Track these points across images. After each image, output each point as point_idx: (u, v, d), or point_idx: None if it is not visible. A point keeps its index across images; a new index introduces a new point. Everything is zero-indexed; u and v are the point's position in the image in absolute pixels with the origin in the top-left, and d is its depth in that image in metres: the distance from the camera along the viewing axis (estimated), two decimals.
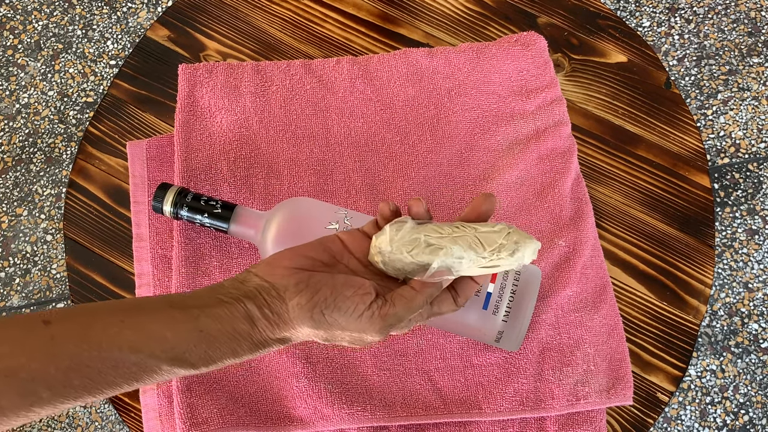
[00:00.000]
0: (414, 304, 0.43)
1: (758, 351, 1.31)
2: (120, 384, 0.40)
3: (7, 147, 1.48)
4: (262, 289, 0.42)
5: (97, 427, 1.31)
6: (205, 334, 0.41)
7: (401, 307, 0.43)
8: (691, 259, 0.68)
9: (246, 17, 0.79)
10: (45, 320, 0.39)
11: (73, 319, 0.40)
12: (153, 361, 0.40)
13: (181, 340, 0.40)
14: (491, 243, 0.44)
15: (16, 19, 1.59)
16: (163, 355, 0.40)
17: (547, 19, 0.79)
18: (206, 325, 0.41)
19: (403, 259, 0.45)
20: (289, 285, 0.42)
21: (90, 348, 0.39)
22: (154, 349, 0.40)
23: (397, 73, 0.73)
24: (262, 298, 0.42)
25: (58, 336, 0.39)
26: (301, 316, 0.41)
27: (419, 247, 0.44)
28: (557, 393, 0.61)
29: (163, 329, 0.40)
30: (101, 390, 0.39)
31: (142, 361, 0.39)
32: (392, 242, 0.45)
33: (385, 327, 0.43)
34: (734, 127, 1.44)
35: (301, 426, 0.60)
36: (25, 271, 1.40)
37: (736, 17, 1.52)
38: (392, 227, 0.45)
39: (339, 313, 0.42)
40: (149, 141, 0.71)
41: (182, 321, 0.41)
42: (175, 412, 0.60)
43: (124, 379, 0.40)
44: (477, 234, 0.45)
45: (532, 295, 0.58)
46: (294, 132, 0.71)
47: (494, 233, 0.45)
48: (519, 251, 0.44)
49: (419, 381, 0.62)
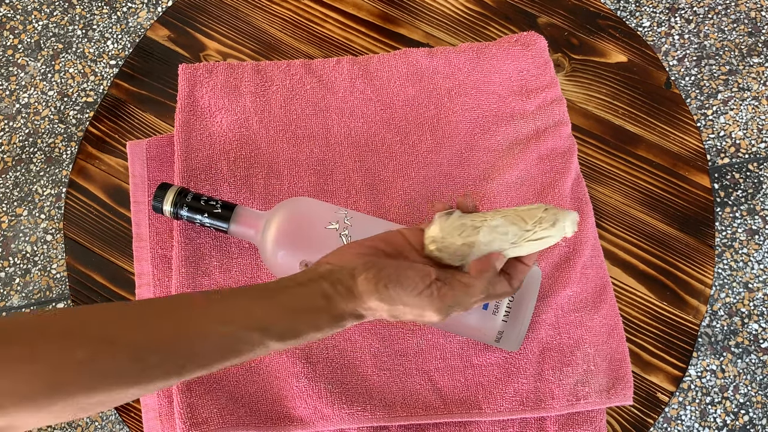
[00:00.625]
0: (471, 290, 0.47)
1: (758, 351, 1.31)
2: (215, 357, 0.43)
3: (7, 147, 1.48)
4: (333, 270, 0.46)
5: (97, 427, 1.31)
6: (287, 308, 0.45)
7: (459, 291, 0.47)
8: (691, 259, 0.68)
9: (246, 17, 0.79)
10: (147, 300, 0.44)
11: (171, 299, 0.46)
12: (246, 332, 0.43)
13: (267, 314, 0.44)
14: (532, 217, 0.48)
15: (16, 19, 1.59)
16: (255, 326, 0.44)
17: (547, 19, 0.79)
18: (287, 302, 0.45)
19: (454, 242, 0.48)
20: (358, 265, 0.46)
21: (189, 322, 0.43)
22: (245, 321, 0.44)
23: (397, 73, 0.73)
24: (334, 277, 0.46)
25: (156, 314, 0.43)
26: (368, 290, 0.45)
27: (467, 229, 0.48)
28: (557, 393, 0.61)
29: (250, 304, 0.45)
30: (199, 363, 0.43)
31: (236, 332, 0.43)
32: (442, 230, 0.49)
33: (443, 308, 0.46)
34: (734, 127, 1.44)
35: (301, 426, 0.60)
36: (25, 271, 1.40)
37: (736, 17, 1.52)
38: (441, 217, 0.50)
39: (401, 288, 0.45)
40: (149, 141, 0.71)
41: (266, 298, 0.45)
42: (175, 412, 0.60)
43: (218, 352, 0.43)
44: (517, 212, 0.49)
45: (532, 295, 0.58)
46: (294, 132, 0.71)
47: (533, 209, 0.48)
48: (559, 221, 0.48)
49: (419, 381, 0.62)
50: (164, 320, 0.43)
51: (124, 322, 0.42)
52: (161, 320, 0.43)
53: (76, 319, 0.42)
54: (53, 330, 0.40)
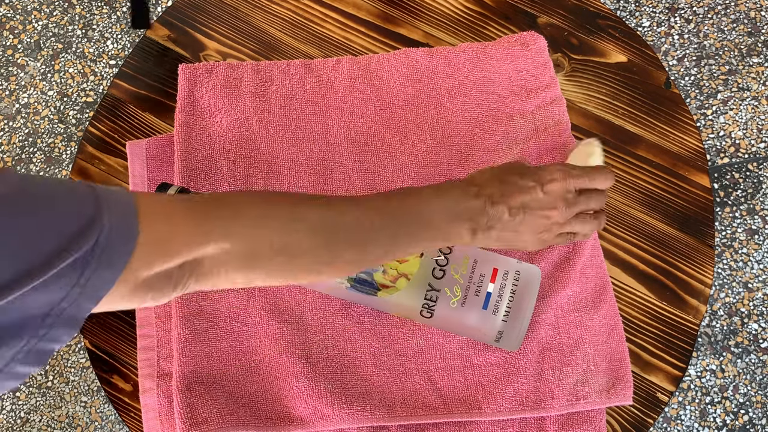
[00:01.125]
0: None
1: (758, 351, 1.31)
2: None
3: (7, 147, 1.48)
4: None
5: (97, 427, 1.31)
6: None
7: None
8: (690, 259, 0.68)
9: (246, 17, 0.79)
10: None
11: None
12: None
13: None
14: None
15: (15, 19, 1.59)
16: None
17: (547, 19, 0.79)
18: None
19: None
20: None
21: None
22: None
23: (397, 73, 0.73)
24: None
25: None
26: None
27: None
28: (557, 393, 0.61)
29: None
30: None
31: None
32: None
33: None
34: (734, 127, 1.44)
35: (300, 426, 0.60)
36: None
37: (736, 17, 1.52)
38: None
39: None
40: (149, 141, 0.71)
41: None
42: (175, 412, 0.60)
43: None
44: None
45: (531, 295, 0.58)
46: (294, 132, 0.71)
47: None
48: None
49: (419, 381, 0.62)
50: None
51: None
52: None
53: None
54: None
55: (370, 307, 0.64)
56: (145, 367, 0.64)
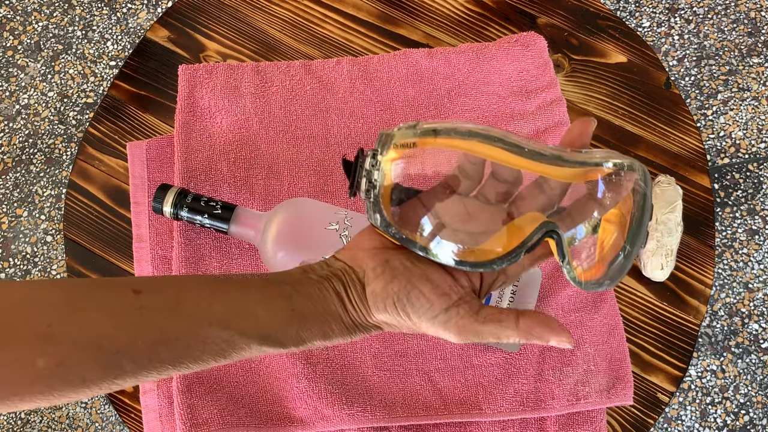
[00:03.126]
0: (505, 334, 0.38)
1: (758, 351, 1.31)
2: (206, 360, 0.38)
3: (7, 148, 1.48)
4: (345, 272, 0.40)
5: (98, 428, 1.31)
6: (297, 313, 0.38)
7: (489, 329, 0.38)
8: (691, 259, 0.68)
9: (246, 18, 0.79)
10: (135, 289, 0.37)
11: (164, 291, 0.38)
12: (243, 339, 0.38)
13: (273, 319, 0.38)
14: None
15: (15, 20, 1.59)
16: (254, 333, 0.38)
17: (547, 19, 0.79)
18: (299, 305, 0.38)
19: None
20: (368, 269, 0.39)
21: (179, 321, 0.37)
22: (245, 326, 0.38)
23: (397, 74, 0.73)
24: (346, 280, 0.39)
25: (148, 307, 0.37)
26: (376, 305, 0.38)
27: None
28: (557, 393, 0.61)
29: (255, 306, 0.38)
30: (186, 365, 0.38)
31: (231, 338, 0.37)
32: None
33: (460, 339, 0.38)
34: (734, 128, 1.44)
35: (301, 426, 0.60)
36: (25, 272, 1.40)
37: (736, 17, 1.52)
38: None
39: (412, 309, 0.38)
40: (149, 142, 0.71)
41: (275, 298, 0.39)
42: (176, 413, 0.60)
43: (210, 355, 0.38)
44: None
45: (532, 295, 0.58)
46: (294, 132, 0.71)
47: None
48: None
49: (419, 381, 0.62)
50: (161, 318, 0.37)
51: (117, 320, 0.36)
52: (157, 318, 0.37)
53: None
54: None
55: None
56: None
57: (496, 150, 0.37)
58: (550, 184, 0.39)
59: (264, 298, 0.39)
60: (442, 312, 0.38)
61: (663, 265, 0.65)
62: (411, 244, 0.38)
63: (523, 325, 0.38)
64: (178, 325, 0.37)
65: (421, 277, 0.38)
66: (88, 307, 0.36)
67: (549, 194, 0.39)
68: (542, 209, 0.39)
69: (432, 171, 0.39)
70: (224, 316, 0.38)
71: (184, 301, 0.38)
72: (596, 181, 0.37)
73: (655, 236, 0.66)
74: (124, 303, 0.37)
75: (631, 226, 0.36)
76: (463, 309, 0.38)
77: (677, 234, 0.66)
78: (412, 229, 0.39)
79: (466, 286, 0.40)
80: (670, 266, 0.66)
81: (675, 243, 0.66)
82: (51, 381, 0.34)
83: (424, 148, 0.38)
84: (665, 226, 0.66)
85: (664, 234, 0.66)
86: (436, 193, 0.40)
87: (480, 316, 0.38)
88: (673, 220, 0.66)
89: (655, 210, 0.67)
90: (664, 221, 0.66)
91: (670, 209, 0.66)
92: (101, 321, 0.36)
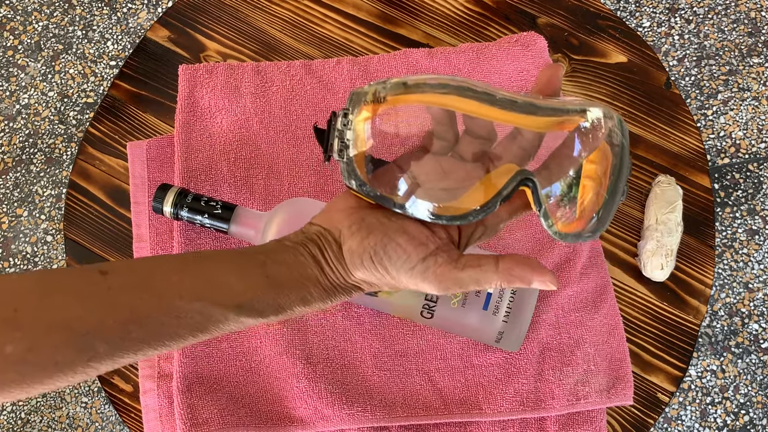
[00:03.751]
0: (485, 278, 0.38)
1: (758, 351, 1.31)
2: (185, 336, 0.37)
3: (8, 148, 1.48)
4: (320, 234, 0.40)
5: (98, 427, 1.31)
6: (272, 280, 0.38)
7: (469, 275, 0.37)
8: (691, 259, 0.68)
9: (246, 18, 0.79)
10: (102, 270, 0.37)
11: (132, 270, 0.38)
12: (218, 310, 0.37)
13: (248, 287, 0.38)
14: None
15: (16, 20, 1.59)
16: (229, 303, 0.37)
17: (547, 19, 0.79)
18: (274, 271, 0.38)
19: None
20: (343, 228, 0.39)
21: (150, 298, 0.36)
22: (218, 297, 0.37)
23: (397, 74, 0.73)
24: (322, 242, 0.39)
25: (116, 286, 0.36)
26: (353, 262, 0.38)
27: None
28: (557, 393, 0.61)
29: (228, 276, 0.38)
30: (164, 342, 0.37)
31: (205, 309, 0.37)
32: None
33: (441, 288, 0.38)
34: (734, 128, 1.44)
35: (301, 426, 0.60)
36: (25, 272, 1.40)
37: (736, 17, 1.52)
38: None
39: (390, 262, 0.37)
40: (149, 141, 0.71)
41: (248, 266, 0.38)
42: (176, 413, 0.60)
43: (187, 330, 0.37)
44: None
45: (532, 295, 0.58)
46: (294, 132, 0.71)
47: None
48: None
49: (419, 381, 0.62)
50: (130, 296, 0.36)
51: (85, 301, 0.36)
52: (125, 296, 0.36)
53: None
54: None
55: (371, 308, 0.64)
56: (145, 367, 0.64)
57: (468, 102, 0.36)
58: (525, 135, 0.39)
59: (236, 267, 0.38)
60: (419, 262, 0.37)
61: (663, 265, 0.65)
62: (386, 201, 0.38)
63: (503, 266, 0.37)
64: (149, 302, 0.36)
65: (398, 230, 0.38)
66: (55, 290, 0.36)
67: (524, 145, 0.39)
68: (518, 161, 0.39)
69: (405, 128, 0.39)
70: (195, 288, 0.37)
71: (154, 277, 0.37)
72: (572, 131, 0.37)
73: (655, 236, 0.66)
74: (91, 284, 0.36)
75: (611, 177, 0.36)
76: (441, 257, 0.38)
77: (677, 234, 0.66)
78: (388, 188, 0.38)
79: (444, 237, 0.39)
80: (670, 266, 0.66)
81: (675, 243, 0.66)
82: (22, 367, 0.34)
83: (396, 105, 0.37)
84: (665, 226, 0.66)
85: (664, 234, 0.66)
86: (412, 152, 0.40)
87: (459, 263, 0.38)
88: (673, 220, 0.66)
89: (655, 210, 0.67)
90: (664, 221, 0.66)
91: (670, 209, 0.66)
92: (69, 303, 0.35)
